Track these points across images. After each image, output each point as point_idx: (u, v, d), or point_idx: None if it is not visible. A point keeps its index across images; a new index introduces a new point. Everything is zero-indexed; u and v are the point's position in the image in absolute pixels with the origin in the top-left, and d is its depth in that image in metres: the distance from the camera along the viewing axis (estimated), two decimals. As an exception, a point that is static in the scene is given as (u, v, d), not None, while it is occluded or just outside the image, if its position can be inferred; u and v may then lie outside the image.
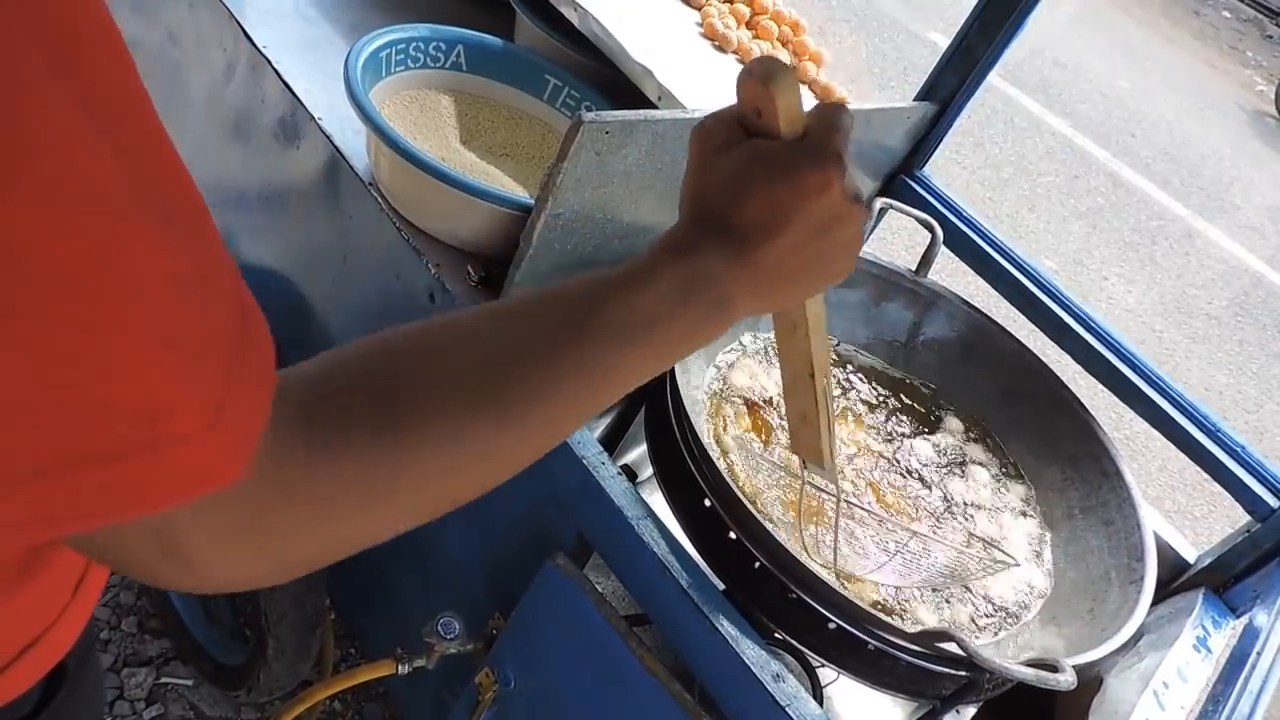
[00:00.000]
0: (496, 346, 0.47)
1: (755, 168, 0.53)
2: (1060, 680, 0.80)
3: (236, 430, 0.33)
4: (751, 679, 0.84)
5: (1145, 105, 6.45)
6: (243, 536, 0.38)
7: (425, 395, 0.44)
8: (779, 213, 0.53)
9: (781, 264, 0.54)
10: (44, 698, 0.55)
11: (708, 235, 0.54)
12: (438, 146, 1.15)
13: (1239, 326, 4.39)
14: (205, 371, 0.32)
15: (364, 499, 0.42)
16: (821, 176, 0.52)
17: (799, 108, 0.53)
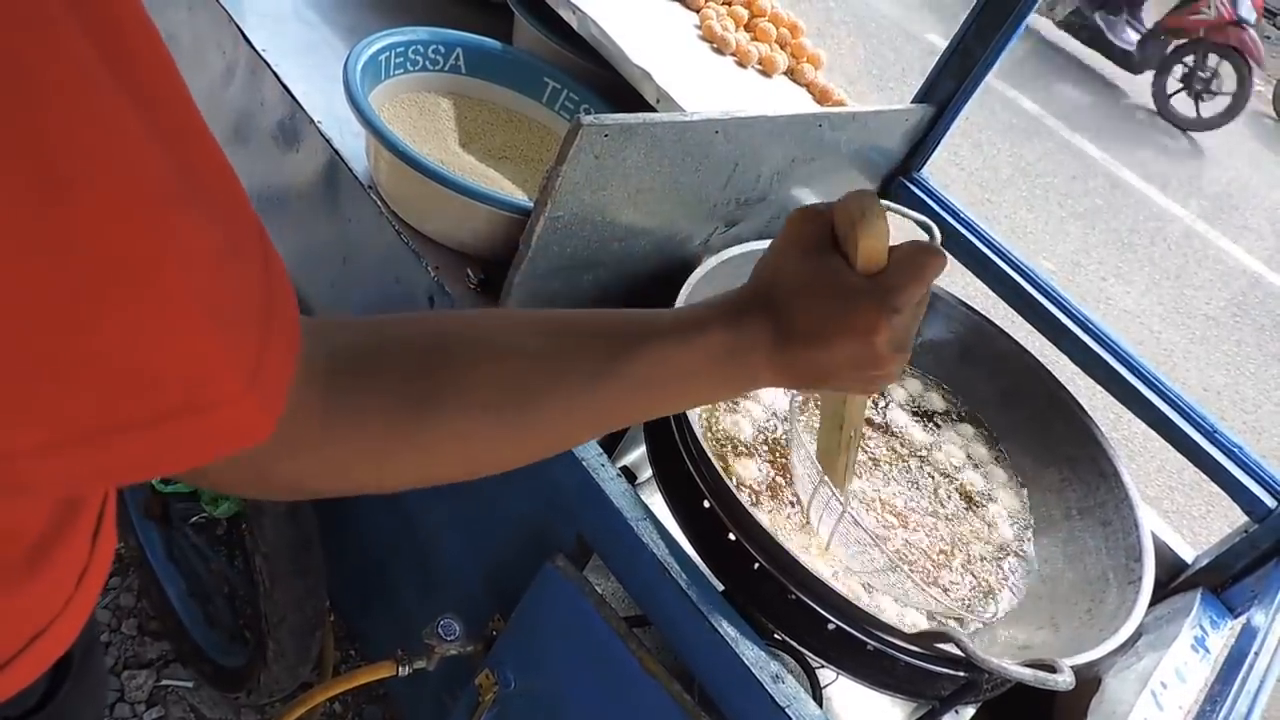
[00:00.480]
0: (531, 366, 0.50)
1: (822, 282, 0.56)
2: (1059, 681, 0.80)
3: (269, 390, 0.36)
4: (751, 680, 0.84)
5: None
6: (260, 473, 0.42)
7: (451, 394, 0.47)
8: (825, 333, 0.56)
9: (810, 372, 0.58)
10: (50, 689, 0.56)
11: (762, 317, 0.57)
12: (437, 149, 1.15)
13: (1237, 327, 4.40)
14: (243, 336, 0.34)
15: (367, 463, 0.46)
16: (871, 321, 0.55)
17: (879, 253, 0.56)
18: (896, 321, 0.56)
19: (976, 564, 1.09)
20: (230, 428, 0.35)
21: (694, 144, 1.02)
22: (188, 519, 1.52)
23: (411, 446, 0.47)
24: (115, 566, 1.67)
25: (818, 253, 0.57)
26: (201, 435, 0.34)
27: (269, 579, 1.23)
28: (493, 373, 0.49)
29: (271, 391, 0.36)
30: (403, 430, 0.46)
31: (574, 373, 0.51)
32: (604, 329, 0.54)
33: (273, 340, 0.35)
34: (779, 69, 1.46)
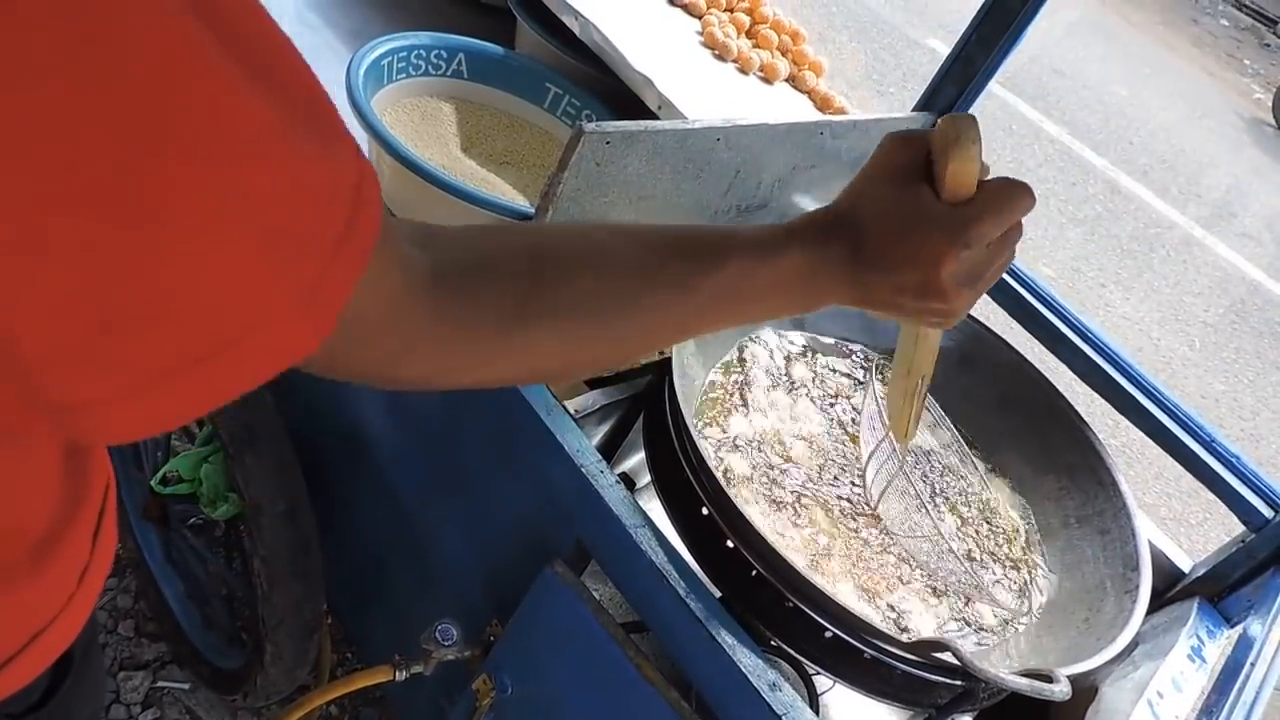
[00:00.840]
0: (626, 274, 0.53)
1: (904, 209, 0.57)
2: (1055, 690, 0.80)
3: (319, 311, 0.37)
4: (748, 687, 0.84)
5: (1143, 113, 6.47)
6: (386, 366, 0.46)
7: (552, 300, 0.50)
8: (896, 259, 0.57)
9: (877, 295, 0.59)
10: (51, 686, 0.57)
11: (842, 236, 0.58)
12: (439, 154, 1.15)
13: (1236, 334, 4.40)
14: (307, 267, 0.35)
15: (471, 364, 0.50)
16: (940, 252, 0.56)
17: (968, 179, 0.56)
18: (966, 255, 0.56)
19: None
20: (280, 345, 0.36)
21: (695, 151, 1.02)
22: (186, 521, 1.52)
23: (515, 348, 0.50)
24: (113, 568, 1.67)
25: (904, 180, 0.58)
26: (257, 357, 0.35)
27: (267, 581, 1.23)
28: (592, 279, 0.52)
29: (325, 308, 0.37)
30: (509, 333, 0.49)
31: (665, 281, 0.54)
32: (692, 241, 0.56)
33: (341, 261, 0.36)
34: (780, 76, 1.47)
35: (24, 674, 0.50)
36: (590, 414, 1.14)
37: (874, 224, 0.58)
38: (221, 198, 0.30)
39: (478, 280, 0.47)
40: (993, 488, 1.22)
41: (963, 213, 0.56)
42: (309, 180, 0.34)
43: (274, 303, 0.34)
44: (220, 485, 1.29)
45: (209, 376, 0.34)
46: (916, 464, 1.19)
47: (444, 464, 1.17)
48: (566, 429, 0.97)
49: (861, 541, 1.05)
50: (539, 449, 0.98)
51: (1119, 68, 7.09)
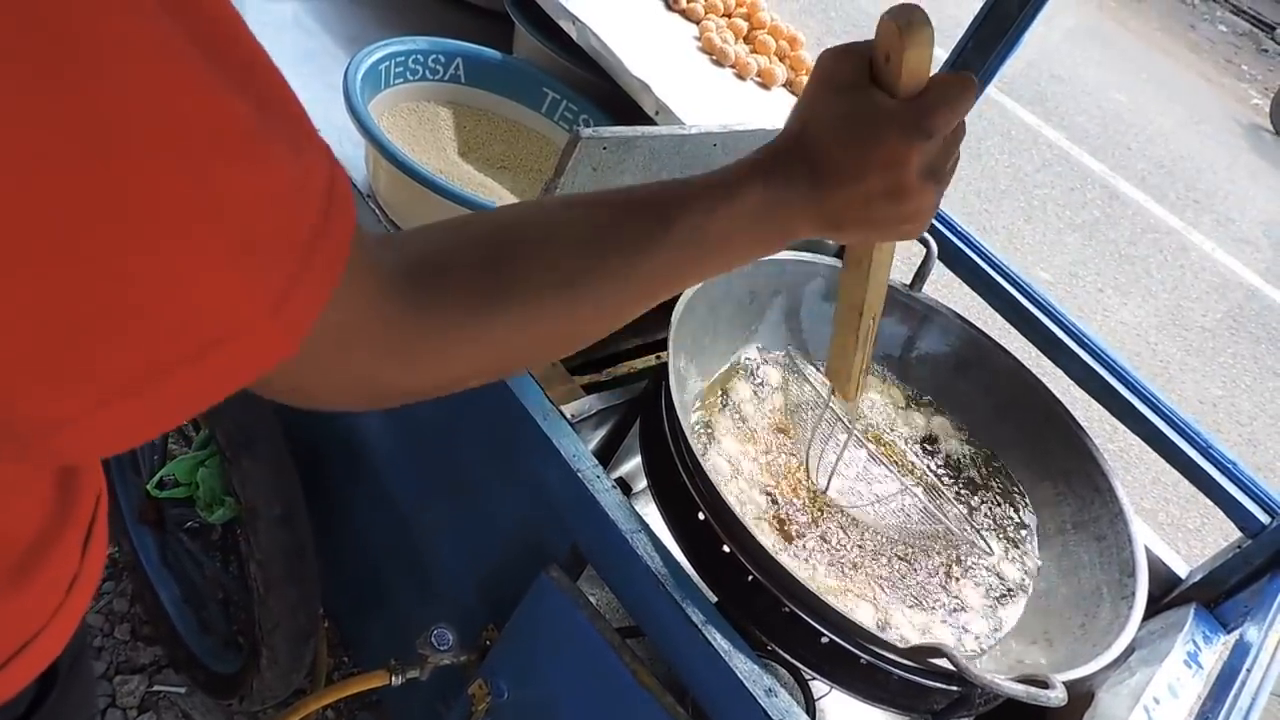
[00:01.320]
0: (590, 238, 0.53)
1: (855, 117, 0.56)
2: (1051, 696, 0.80)
3: (296, 315, 0.36)
4: (744, 693, 0.84)
5: (1141, 118, 6.48)
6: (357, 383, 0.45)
7: (523, 277, 0.50)
8: (857, 168, 0.56)
9: (846, 212, 0.58)
10: (37, 698, 0.56)
11: (795, 164, 0.58)
12: (436, 159, 1.15)
13: (1233, 339, 4.40)
14: (277, 270, 0.34)
15: (453, 357, 0.49)
16: (901, 149, 0.55)
17: (925, 67, 0.55)
18: (929, 147, 0.56)
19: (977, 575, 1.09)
20: (252, 353, 0.35)
21: (692, 156, 1.02)
22: (182, 525, 1.52)
23: (492, 336, 0.49)
24: (109, 571, 1.67)
25: (851, 88, 0.57)
26: (233, 362, 0.35)
27: (263, 585, 1.23)
28: (554, 254, 0.51)
29: (298, 313, 0.36)
30: (482, 322, 0.48)
31: (626, 241, 0.54)
32: (647, 198, 0.56)
33: (313, 266, 0.36)
34: (778, 81, 1.47)
35: (9, 686, 0.49)
36: (587, 418, 1.14)
37: (829, 137, 0.57)
38: (187, 195, 0.30)
39: (443, 274, 0.47)
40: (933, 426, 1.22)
41: (918, 104, 0.56)
42: (279, 180, 0.33)
43: (246, 305, 0.34)
44: (217, 489, 1.29)
45: (182, 385, 0.34)
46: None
47: (440, 468, 1.17)
48: (563, 433, 0.97)
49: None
50: (535, 453, 0.98)
51: (1117, 73, 7.11)
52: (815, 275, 1.26)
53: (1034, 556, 1.15)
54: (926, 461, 1.21)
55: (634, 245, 0.54)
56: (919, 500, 0.95)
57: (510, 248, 0.50)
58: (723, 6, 1.54)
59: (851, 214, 0.58)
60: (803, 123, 0.59)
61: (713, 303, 1.12)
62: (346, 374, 0.44)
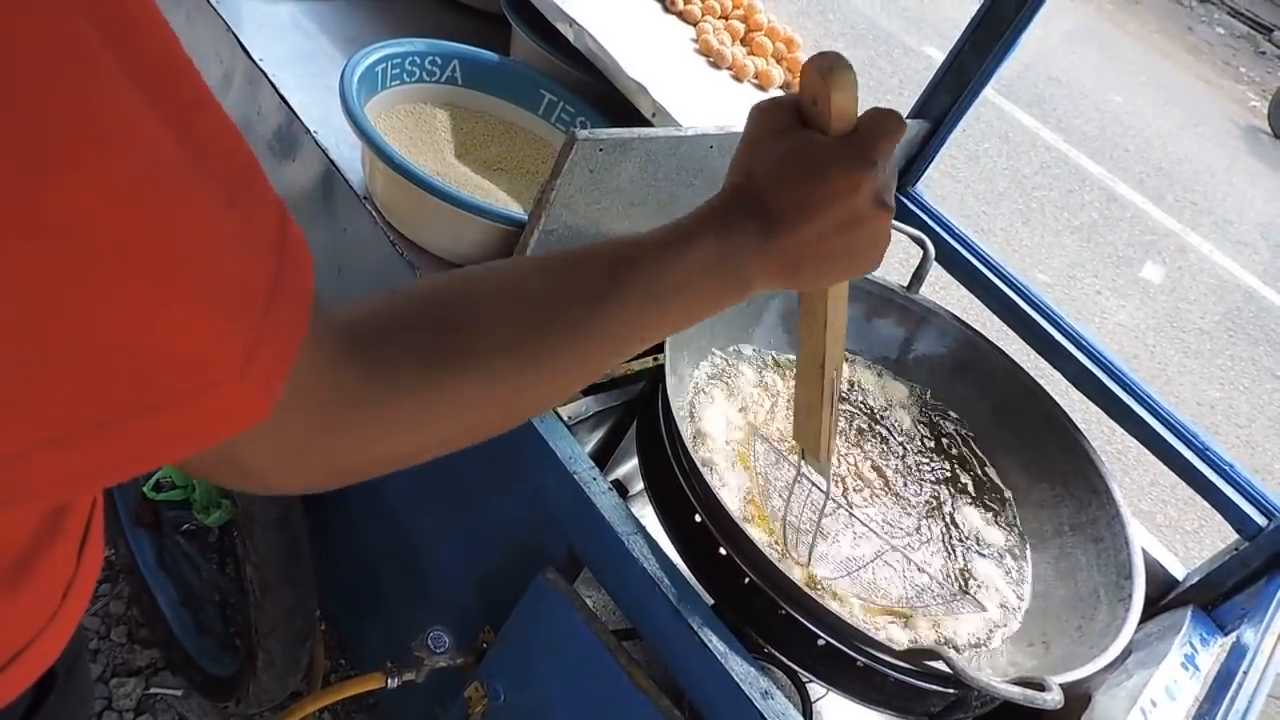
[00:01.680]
0: (539, 298, 0.52)
1: (796, 158, 0.57)
2: (1047, 699, 0.80)
3: (264, 374, 0.36)
4: (740, 695, 0.84)
5: (1139, 120, 6.48)
6: (298, 456, 0.42)
7: (471, 339, 0.48)
8: (808, 206, 0.57)
9: (803, 253, 0.58)
10: (34, 703, 0.56)
11: (744, 212, 0.58)
12: (432, 160, 1.15)
13: (1231, 341, 4.41)
14: (240, 322, 0.34)
15: (405, 427, 0.47)
16: (851, 180, 0.56)
17: (852, 107, 0.57)
18: (874, 175, 0.57)
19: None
20: (222, 413, 0.35)
21: (688, 158, 1.02)
22: (179, 527, 1.52)
23: (443, 402, 0.47)
24: (105, 573, 1.67)
25: (788, 132, 0.58)
26: (195, 421, 0.34)
27: (260, 588, 1.23)
28: (503, 315, 0.50)
29: (265, 378, 0.36)
30: (433, 387, 0.46)
31: (578, 300, 0.53)
32: (599, 255, 0.55)
33: (273, 325, 0.35)
34: (775, 83, 1.47)
35: (5, 691, 0.49)
36: (583, 421, 1.14)
37: (775, 181, 0.58)
38: (133, 226, 0.28)
39: (392, 340, 0.45)
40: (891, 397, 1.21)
41: (856, 138, 0.57)
42: (217, 226, 0.32)
43: (212, 359, 0.33)
44: (213, 491, 1.29)
45: (135, 437, 0.32)
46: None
47: (437, 470, 1.16)
48: (559, 435, 0.97)
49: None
50: (532, 456, 0.98)
51: (1115, 75, 7.12)
52: (812, 277, 1.26)
53: (1028, 581, 1.15)
54: (933, 464, 1.21)
55: (584, 303, 0.53)
56: (903, 555, 0.95)
57: (458, 310, 0.49)
58: (720, 8, 1.54)
59: (808, 253, 0.58)
60: (745, 172, 0.59)
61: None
62: (286, 446, 0.41)
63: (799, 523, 1.01)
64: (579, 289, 0.53)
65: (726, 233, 0.57)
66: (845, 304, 0.69)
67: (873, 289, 1.29)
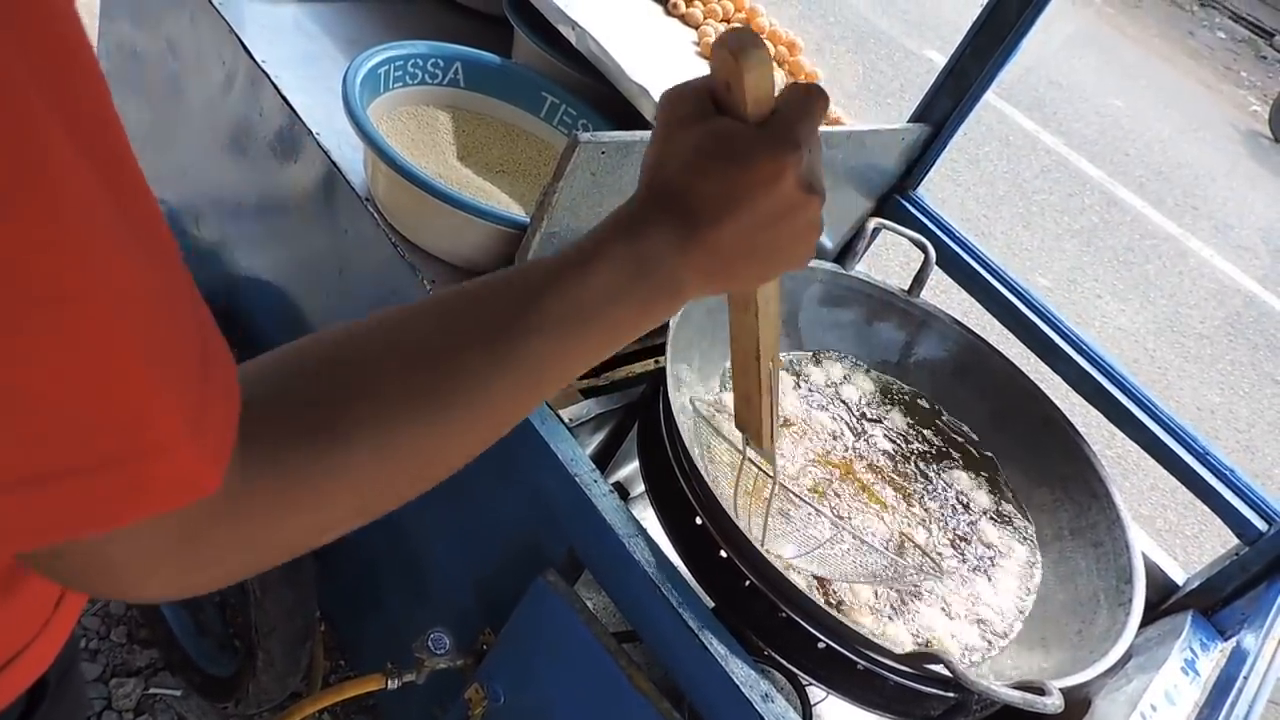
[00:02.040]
0: (432, 344, 0.46)
1: (714, 147, 0.52)
2: (1047, 703, 0.80)
3: (214, 438, 0.34)
4: (740, 698, 0.84)
5: (1140, 124, 6.49)
6: (175, 554, 0.37)
7: (359, 403, 0.43)
8: (731, 197, 0.51)
9: (733, 247, 0.53)
10: (25, 712, 0.55)
11: (661, 211, 0.52)
12: (434, 163, 1.16)
13: (1231, 346, 4.41)
14: (181, 383, 0.32)
15: (298, 511, 0.42)
16: (776, 165, 0.51)
17: (768, 88, 0.52)
18: (799, 158, 0.51)
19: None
20: (169, 479, 0.33)
21: (690, 161, 1.02)
22: (179, 527, 1.52)
23: (336, 481, 0.42)
24: (106, 574, 1.67)
25: (701, 119, 0.52)
26: (139, 486, 0.32)
27: (260, 588, 1.23)
28: (394, 369, 0.45)
29: (215, 442, 0.34)
30: (323, 466, 0.41)
31: (486, 332, 0.47)
32: (498, 288, 0.49)
33: (213, 388, 0.34)
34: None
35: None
36: (584, 423, 1.14)
37: (690, 174, 0.52)
38: (68, 276, 0.27)
39: (272, 419, 0.40)
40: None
41: (778, 120, 0.52)
42: (146, 280, 0.31)
43: (150, 414, 0.31)
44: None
45: (78, 495, 0.31)
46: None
47: (438, 472, 1.16)
48: (560, 438, 0.97)
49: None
50: (532, 457, 0.98)
51: (1115, 79, 7.12)
52: (814, 280, 1.27)
53: (1031, 538, 1.15)
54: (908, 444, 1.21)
55: (498, 334, 0.47)
56: (856, 539, 0.95)
57: (346, 368, 0.44)
58: (721, 12, 1.54)
59: (738, 248, 0.53)
60: (658, 168, 0.53)
61: (710, 307, 1.12)
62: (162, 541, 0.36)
63: (750, 505, 1.01)
64: (491, 321, 0.48)
65: (639, 238, 0.51)
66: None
67: (873, 293, 1.30)
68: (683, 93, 0.54)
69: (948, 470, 1.22)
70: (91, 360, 0.29)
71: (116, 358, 0.29)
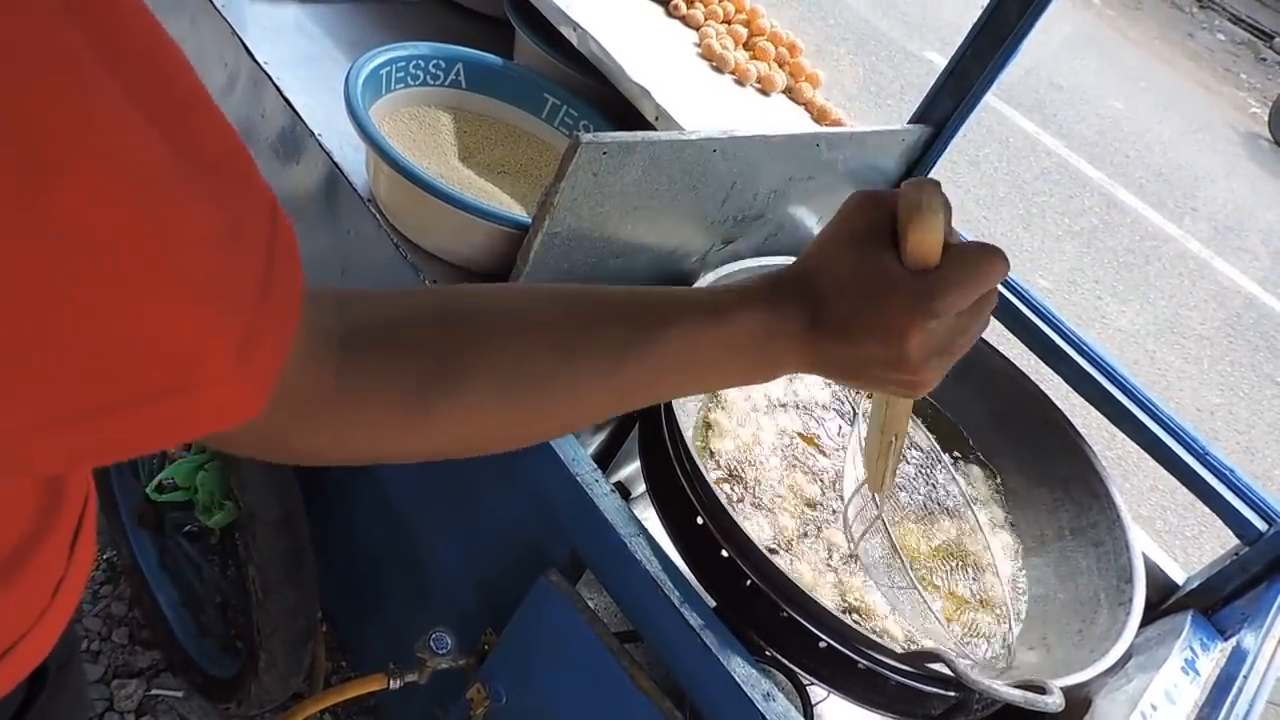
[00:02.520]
0: (552, 341, 0.49)
1: (864, 274, 0.53)
2: (1048, 702, 0.80)
3: (260, 368, 0.36)
4: (742, 697, 0.84)
5: (1140, 126, 6.49)
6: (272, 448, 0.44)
7: (467, 370, 0.47)
8: (853, 330, 0.53)
9: (839, 364, 0.55)
10: (26, 699, 0.56)
11: (797, 303, 0.54)
12: (436, 164, 1.16)
13: (1231, 348, 4.41)
14: (233, 317, 0.34)
15: (373, 438, 0.46)
16: (904, 323, 0.51)
17: (932, 249, 0.52)
18: (934, 325, 0.52)
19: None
20: (219, 406, 0.35)
21: (692, 162, 1.03)
22: (181, 528, 1.52)
23: (419, 423, 0.46)
24: (107, 574, 1.67)
25: (870, 242, 0.53)
26: (190, 413, 0.35)
27: (262, 589, 1.23)
28: (507, 347, 0.48)
29: (262, 369, 0.36)
30: (412, 407, 0.45)
31: (594, 350, 0.50)
32: (630, 305, 0.52)
33: (267, 318, 0.36)
34: (777, 87, 1.47)
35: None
36: (586, 423, 1.14)
37: (835, 290, 0.53)
38: (122, 225, 0.29)
39: (385, 348, 0.45)
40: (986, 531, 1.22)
41: (928, 282, 0.51)
42: (203, 223, 0.33)
43: (208, 353, 0.33)
44: (216, 492, 1.29)
45: (135, 424, 0.33)
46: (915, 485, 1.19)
47: (439, 472, 1.17)
48: (562, 438, 0.97)
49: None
50: (534, 457, 0.98)
51: (1115, 81, 7.13)
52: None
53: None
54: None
55: (607, 356, 0.50)
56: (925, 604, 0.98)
57: (462, 331, 0.47)
58: (722, 13, 1.54)
59: (844, 369, 0.55)
60: (814, 264, 0.55)
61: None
62: (263, 434, 0.42)
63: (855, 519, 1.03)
64: (596, 341, 0.50)
65: (771, 316, 0.54)
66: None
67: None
68: (868, 202, 0.55)
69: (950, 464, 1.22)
70: (145, 306, 0.31)
71: (166, 300, 0.31)
